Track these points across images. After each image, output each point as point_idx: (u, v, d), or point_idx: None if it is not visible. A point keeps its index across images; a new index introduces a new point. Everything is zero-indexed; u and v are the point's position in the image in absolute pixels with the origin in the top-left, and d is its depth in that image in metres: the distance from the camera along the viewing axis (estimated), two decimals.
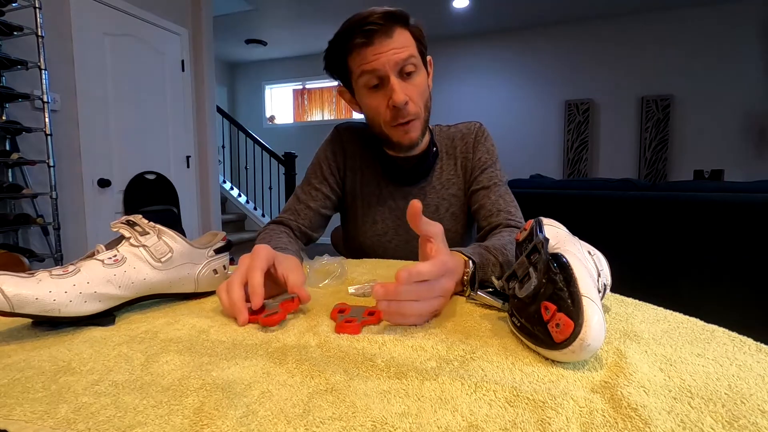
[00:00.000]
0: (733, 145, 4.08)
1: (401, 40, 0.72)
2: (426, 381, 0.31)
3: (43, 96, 2.07)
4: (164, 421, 0.26)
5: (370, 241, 0.89)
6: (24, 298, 0.39)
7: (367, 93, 0.76)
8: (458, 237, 0.88)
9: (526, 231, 0.48)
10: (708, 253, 1.60)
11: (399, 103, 0.72)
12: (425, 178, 0.87)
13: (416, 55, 0.74)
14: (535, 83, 4.73)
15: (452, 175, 0.88)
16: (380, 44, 0.71)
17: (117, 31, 2.70)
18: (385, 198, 0.88)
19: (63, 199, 2.31)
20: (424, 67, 0.78)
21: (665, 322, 0.43)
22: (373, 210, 0.89)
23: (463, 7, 4.18)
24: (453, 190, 0.87)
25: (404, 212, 0.83)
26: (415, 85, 0.74)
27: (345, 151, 0.90)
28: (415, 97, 0.74)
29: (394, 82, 0.71)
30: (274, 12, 4.29)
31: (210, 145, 3.37)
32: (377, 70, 0.72)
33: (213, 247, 0.56)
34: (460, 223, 0.88)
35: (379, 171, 0.88)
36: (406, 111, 0.74)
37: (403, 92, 0.72)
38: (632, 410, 0.26)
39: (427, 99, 0.79)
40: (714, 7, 4.04)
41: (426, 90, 0.78)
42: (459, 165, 0.88)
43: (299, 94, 5.98)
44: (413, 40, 0.75)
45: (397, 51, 0.71)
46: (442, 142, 0.89)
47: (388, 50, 0.71)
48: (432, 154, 0.85)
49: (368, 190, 0.89)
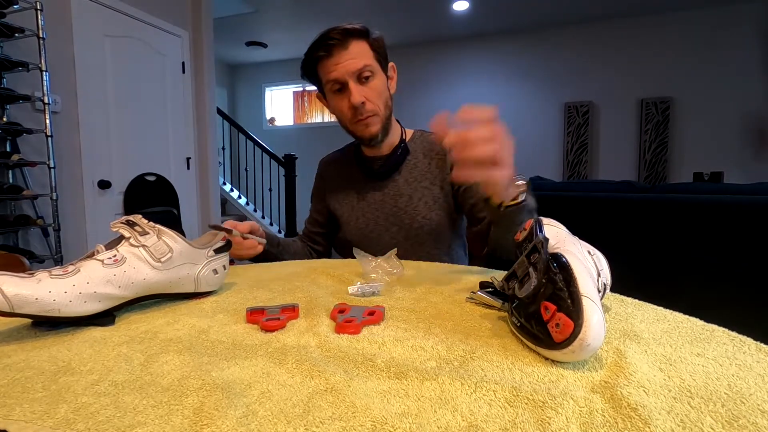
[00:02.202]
0: (732, 147, 4.09)
1: (356, 51, 0.85)
2: (426, 381, 0.31)
3: (43, 97, 2.07)
4: (164, 421, 0.26)
5: (356, 237, 0.99)
6: (24, 298, 0.39)
7: (333, 97, 0.89)
8: (433, 224, 0.95)
9: (526, 231, 0.48)
10: (708, 255, 1.60)
11: (356, 103, 0.85)
12: (397, 171, 0.97)
13: (372, 63, 0.87)
14: (535, 85, 4.73)
15: (425, 171, 0.97)
16: (338, 55, 0.84)
17: (118, 32, 2.70)
18: (363, 196, 1.00)
19: (63, 201, 2.31)
20: (383, 72, 0.90)
21: (665, 322, 0.43)
22: (355, 210, 1.00)
23: (462, 10, 4.19)
24: (425, 183, 0.96)
25: (380, 203, 0.98)
26: (372, 87, 0.87)
27: (324, 180, 1.08)
28: (372, 98, 0.87)
29: (352, 87, 0.85)
30: (275, 14, 4.30)
31: (210, 147, 3.38)
32: (338, 78, 0.85)
33: (213, 247, 0.56)
34: (434, 212, 0.95)
35: (358, 176, 1.01)
36: (364, 109, 0.86)
37: (360, 94, 0.85)
38: (632, 410, 0.26)
39: (387, 98, 0.91)
40: (713, 10, 4.05)
41: (384, 91, 0.90)
42: (434, 164, 0.97)
43: (299, 96, 5.99)
44: (370, 50, 0.87)
45: (353, 60, 0.84)
46: (420, 144, 1.00)
47: (345, 60, 0.84)
48: (401, 150, 0.96)
49: (350, 196, 1.02)
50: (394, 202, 0.96)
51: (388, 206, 0.96)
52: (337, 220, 1.05)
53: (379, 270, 0.63)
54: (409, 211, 0.94)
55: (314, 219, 1.09)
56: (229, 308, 0.50)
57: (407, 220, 0.95)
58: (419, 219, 0.94)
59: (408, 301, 0.52)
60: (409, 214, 0.94)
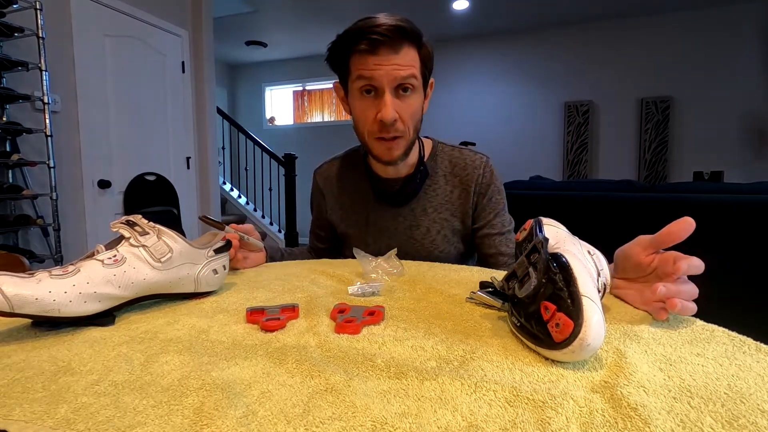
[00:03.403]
0: (732, 147, 4.09)
1: (407, 58, 0.72)
2: (426, 381, 0.31)
3: (43, 97, 2.07)
4: (164, 421, 0.26)
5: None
6: (24, 298, 0.39)
7: (359, 97, 0.75)
8: (451, 258, 0.87)
9: (526, 231, 0.48)
10: (708, 254, 1.60)
11: (387, 120, 0.72)
12: (415, 197, 0.86)
13: (418, 76, 0.74)
14: (535, 85, 4.73)
15: (446, 199, 0.86)
16: (384, 56, 0.70)
17: (117, 32, 2.70)
18: (374, 220, 0.89)
19: (63, 200, 2.31)
20: (423, 89, 0.78)
21: (665, 322, 0.43)
22: (363, 234, 0.90)
23: (462, 9, 4.18)
24: (446, 214, 0.86)
25: (392, 232, 0.87)
26: (409, 104, 0.74)
27: (323, 195, 0.95)
28: (405, 117, 0.74)
29: (387, 98, 0.72)
30: (275, 14, 4.29)
31: (210, 147, 3.37)
32: (374, 80, 0.72)
33: (213, 247, 0.56)
34: (452, 246, 0.87)
35: (367, 195, 0.89)
36: (393, 128, 0.74)
37: (394, 109, 0.72)
38: (632, 410, 0.26)
39: (418, 121, 0.78)
40: (713, 9, 4.05)
41: (418, 111, 0.78)
42: (457, 194, 0.86)
43: (299, 95, 5.98)
44: (419, 61, 0.74)
45: (400, 68, 0.71)
46: (441, 163, 0.88)
47: (390, 65, 0.71)
48: (421, 174, 0.85)
49: (358, 217, 0.90)
50: (409, 233, 0.86)
51: (403, 236, 0.87)
52: (341, 237, 0.96)
53: (379, 270, 0.63)
54: (426, 245, 0.86)
55: (318, 234, 1.00)
56: (229, 308, 0.50)
57: (423, 252, 0.86)
58: (436, 253, 0.86)
59: (408, 301, 0.52)
60: (426, 247, 0.86)
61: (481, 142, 4.72)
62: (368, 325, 0.43)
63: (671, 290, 0.42)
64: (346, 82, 0.78)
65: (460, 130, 4.92)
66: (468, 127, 4.94)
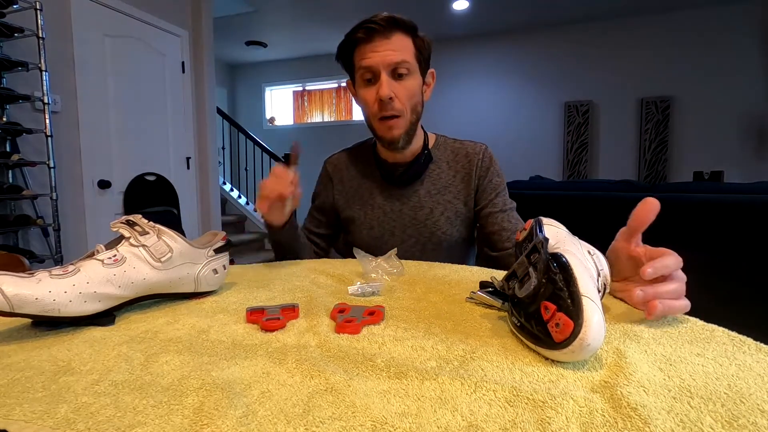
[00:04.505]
0: (732, 147, 4.09)
1: (399, 44, 0.80)
2: (426, 381, 0.31)
3: (43, 97, 2.07)
4: (164, 421, 0.26)
5: (367, 244, 0.93)
6: (24, 298, 0.39)
7: (362, 85, 0.84)
8: (452, 240, 0.91)
9: (526, 231, 0.48)
10: (708, 254, 1.60)
11: (383, 97, 0.80)
12: (418, 179, 0.92)
13: (411, 61, 0.81)
14: (535, 85, 4.73)
15: (449, 183, 0.92)
16: (378, 43, 0.79)
17: (117, 32, 2.70)
18: (379, 202, 0.94)
19: (63, 201, 2.31)
20: (420, 75, 0.85)
21: (665, 322, 0.43)
22: (369, 217, 0.95)
23: (462, 9, 4.19)
24: (448, 196, 0.92)
25: (398, 213, 0.93)
26: (405, 87, 0.82)
27: (332, 180, 1.00)
28: (401, 97, 0.82)
29: (383, 78, 0.80)
30: (275, 14, 4.29)
31: (210, 147, 3.37)
32: (371, 67, 0.80)
33: (213, 246, 0.56)
34: (455, 228, 0.91)
35: (376, 179, 0.95)
36: (391, 106, 0.81)
37: (390, 88, 0.80)
38: (632, 410, 0.26)
39: (417, 103, 0.85)
40: (713, 9, 4.05)
41: (416, 95, 0.84)
42: (459, 178, 0.92)
43: (299, 95, 5.99)
44: (413, 47, 0.82)
45: (393, 53, 0.79)
46: (443, 152, 0.94)
47: (383, 50, 0.79)
48: (424, 158, 0.91)
49: (365, 201, 0.96)
50: (413, 214, 0.91)
51: (407, 217, 0.92)
52: (343, 223, 0.99)
53: (379, 270, 0.63)
54: (429, 225, 0.90)
55: (317, 219, 1.02)
56: (229, 308, 0.50)
57: (426, 233, 0.91)
58: (438, 234, 0.90)
59: (408, 301, 0.52)
60: (429, 228, 0.90)
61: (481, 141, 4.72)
62: (368, 324, 0.43)
63: (648, 293, 0.42)
64: (354, 79, 0.87)
65: (460, 130, 4.92)
66: (468, 127, 4.94)
